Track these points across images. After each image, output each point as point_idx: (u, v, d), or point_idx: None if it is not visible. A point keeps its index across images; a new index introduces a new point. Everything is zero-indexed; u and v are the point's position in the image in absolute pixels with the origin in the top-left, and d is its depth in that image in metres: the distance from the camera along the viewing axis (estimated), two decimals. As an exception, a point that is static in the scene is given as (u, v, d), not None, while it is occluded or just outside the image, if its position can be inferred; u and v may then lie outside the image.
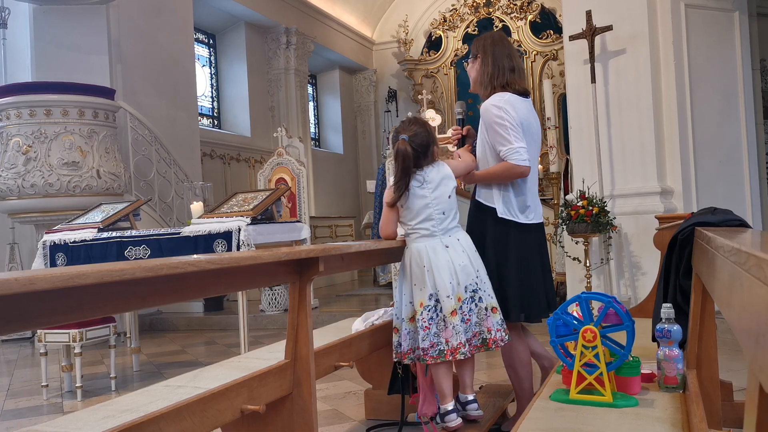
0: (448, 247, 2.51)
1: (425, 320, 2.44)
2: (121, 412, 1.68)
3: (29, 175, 6.10)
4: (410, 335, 2.52)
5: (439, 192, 2.54)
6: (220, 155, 10.04)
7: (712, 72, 5.83)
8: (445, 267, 2.47)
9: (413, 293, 2.52)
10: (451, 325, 2.41)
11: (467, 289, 2.48)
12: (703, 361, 2.07)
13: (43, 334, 4.02)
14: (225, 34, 10.80)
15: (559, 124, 7.49)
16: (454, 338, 2.40)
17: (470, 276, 2.49)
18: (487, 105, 2.67)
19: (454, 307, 2.43)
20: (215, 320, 6.91)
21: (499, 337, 2.49)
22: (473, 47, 2.83)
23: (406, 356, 2.52)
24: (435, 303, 2.46)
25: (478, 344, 2.47)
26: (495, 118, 2.61)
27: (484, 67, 2.73)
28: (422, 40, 12.71)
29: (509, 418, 2.94)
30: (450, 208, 2.57)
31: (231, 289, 2.00)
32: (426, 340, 2.43)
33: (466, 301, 2.47)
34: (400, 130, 2.59)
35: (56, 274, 1.17)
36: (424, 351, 2.43)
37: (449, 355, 2.40)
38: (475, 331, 2.47)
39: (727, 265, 1.06)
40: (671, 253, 2.25)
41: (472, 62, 2.81)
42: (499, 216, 2.67)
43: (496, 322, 2.50)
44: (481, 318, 2.48)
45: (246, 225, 4.15)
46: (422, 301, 2.47)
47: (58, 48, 7.08)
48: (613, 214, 5.39)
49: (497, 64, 2.72)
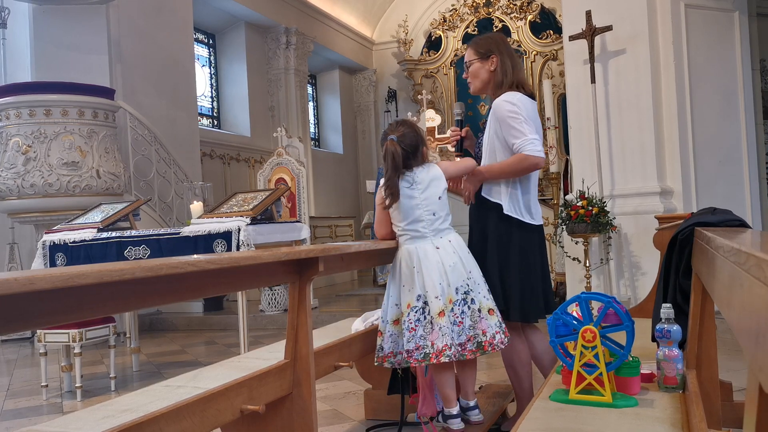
0: (438, 248, 2.48)
1: (411, 321, 2.41)
2: (120, 412, 1.68)
3: (29, 175, 6.10)
4: (392, 338, 2.48)
5: (428, 193, 2.51)
6: (219, 155, 10.04)
7: (712, 72, 5.83)
8: (435, 268, 2.43)
9: (401, 294, 2.49)
10: (438, 327, 2.36)
11: (458, 290, 2.42)
12: (703, 361, 2.07)
13: (43, 334, 4.02)
14: (225, 34, 10.79)
15: (558, 124, 7.49)
16: (440, 340, 2.35)
17: (461, 276, 2.44)
18: (500, 101, 2.65)
19: (443, 308, 2.38)
20: (215, 320, 6.91)
21: (498, 340, 2.43)
22: (481, 47, 2.75)
23: (386, 359, 2.48)
24: (423, 305, 2.42)
25: (473, 348, 2.39)
26: (508, 113, 2.60)
27: (503, 67, 2.70)
28: (422, 40, 12.71)
29: (509, 418, 2.94)
30: (440, 209, 2.53)
31: (231, 289, 2.00)
32: (411, 341, 2.39)
33: (458, 303, 2.41)
34: (389, 131, 2.57)
35: (56, 274, 1.17)
36: (408, 353, 2.39)
37: (434, 358, 2.35)
38: (469, 335, 2.39)
39: (727, 265, 1.06)
40: (671, 253, 2.25)
41: (482, 62, 2.74)
42: (505, 213, 2.64)
43: (494, 324, 2.44)
44: (474, 320, 2.41)
45: (246, 225, 4.15)
46: (410, 302, 2.44)
47: (58, 48, 7.07)
48: (613, 214, 5.39)
49: (515, 65, 2.72)
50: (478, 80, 2.77)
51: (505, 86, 2.70)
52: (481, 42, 2.78)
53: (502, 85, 2.70)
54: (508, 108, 2.61)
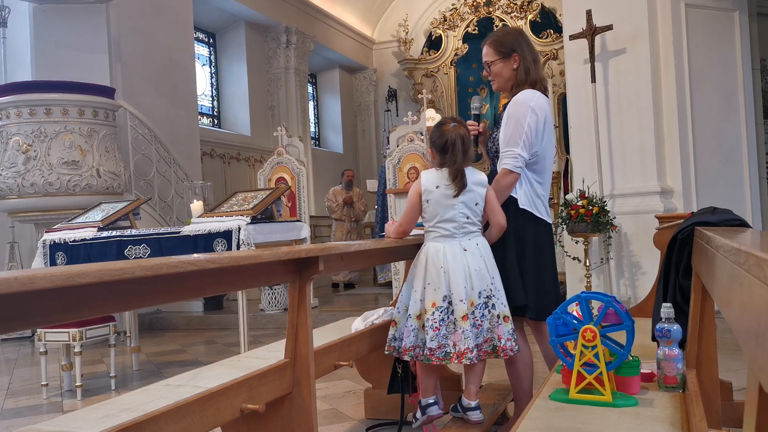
0: (466, 250, 2.47)
1: (436, 321, 2.42)
2: (120, 411, 1.68)
3: (29, 174, 6.10)
4: (414, 333, 2.49)
5: (468, 197, 2.48)
6: (220, 154, 10.04)
7: (712, 71, 5.83)
8: (461, 270, 2.44)
9: (425, 292, 2.48)
10: (461, 330, 2.39)
11: (481, 295, 2.44)
12: (703, 360, 2.07)
13: (43, 333, 4.02)
14: (225, 33, 10.79)
15: (559, 124, 7.50)
16: (462, 342, 2.38)
17: (485, 281, 2.46)
18: (522, 98, 2.62)
19: (466, 312, 2.40)
20: (215, 319, 6.91)
21: (509, 347, 2.45)
22: (502, 45, 2.69)
23: (407, 353, 2.50)
24: (448, 305, 2.43)
25: (488, 350, 2.44)
26: (522, 117, 2.58)
27: (525, 64, 2.67)
28: (422, 40, 12.71)
29: (509, 418, 2.94)
30: (474, 215, 2.51)
31: (231, 288, 2.00)
32: (434, 340, 2.40)
33: (479, 306, 2.43)
34: (446, 121, 2.54)
35: (56, 273, 1.17)
36: (431, 351, 2.41)
37: (455, 358, 2.38)
38: (486, 337, 2.43)
39: (727, 264, 1.06)
40: (671, 252, 2.25)
41: (505, 61, 2.69)
42: (521, 207, 2.63)
43: (507, 332, 2.45)
44: (493, 325, 2.44)
45: (246, 224, 4.15)
46: (435, 301, 2.44)
47: (58, 47, 7.07)
48: (613, 214, 5.39)
49: (536, 63, 2.70)
50: (501, 79, 2.73)
51: (527, 84, 2.68)
52: (502, 39, 2.71)
53: (524, 82, 2.68)
54: (523, 111, 2.58)
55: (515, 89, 2.70)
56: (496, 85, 2.77)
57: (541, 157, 2.66)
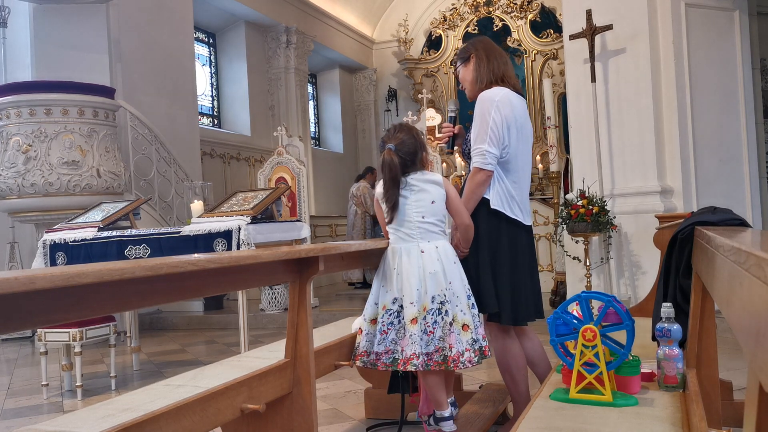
0: (423, 252, 2.42)
1: (385, 324, 2.38)
2: (121, 411, 1.68)
3: (29, 174, 6.10)
4: (368, 337, 2.45)
5: (420, 196, 2.45)
6: (220, 154, 10.04)
7: (712, 71, 5.83)
8: (416, 273, 2.38)
9: (380, 294, 2.46)
10: (409, 334, 2.32)
11: (434, 300, 2.35)
12: (703, 360, 2.07)
13: (43, 333, 4.02)
14: (225, 33, 10.79)
15: (559, 124, 7.48)
16: (409, 348, 2.31)
17: (440, 285, 2.36)
18: (487, 95, 2.62)
19: (416, 316, 2.33)
20: (215, 319, 6.91)
21: (466, 358, 2.31)
22: (462, 53, 2.80)
23: (359, 358, 2.44)
24: (398, 308, 2.38)
25: (439, 360, 2.31)
26: (486, 113, 2.58)
27: (480, 62, 2.70)
28: (422, 39, 12.71)
29: (509, 417, 2.94)
30: (431, 213, 2.45)
31: (231, 288, 2.00)
32: (381, 344, 2.36)
33: (432, 312, 2.34)
34: (386, 138, 2.50)
35: (56, 273, 1.17)
36: (377, 355, 2.37)
37: (401, 364, 2.32)
38: (438, 346, 2.31)
39: (727, 264, 1.06)
40: (671, 252, 2.25)
41: (465, 65, 2.76)
42: (492, 207, 2.58)
43: (465, 341, 2.33)
44: (445, 333, 2.32)
45: (246, 224, 4.15)
46: (385, 304, 2.41)
47: (58, 47, 7.07)
48: (613, 214, 5.39)
49: (491, 58, 2.70)
50: (468, 83, 2.77)
51: (486, 82, 2.68)
52: (462, 49, 2.83)
53: (483, 81, 2.69)
54: (488, 107, 2.58)
55: (480, 89, 2.70)
56: (468, 93, 2.80)
57: (513, 155, 2.61)
